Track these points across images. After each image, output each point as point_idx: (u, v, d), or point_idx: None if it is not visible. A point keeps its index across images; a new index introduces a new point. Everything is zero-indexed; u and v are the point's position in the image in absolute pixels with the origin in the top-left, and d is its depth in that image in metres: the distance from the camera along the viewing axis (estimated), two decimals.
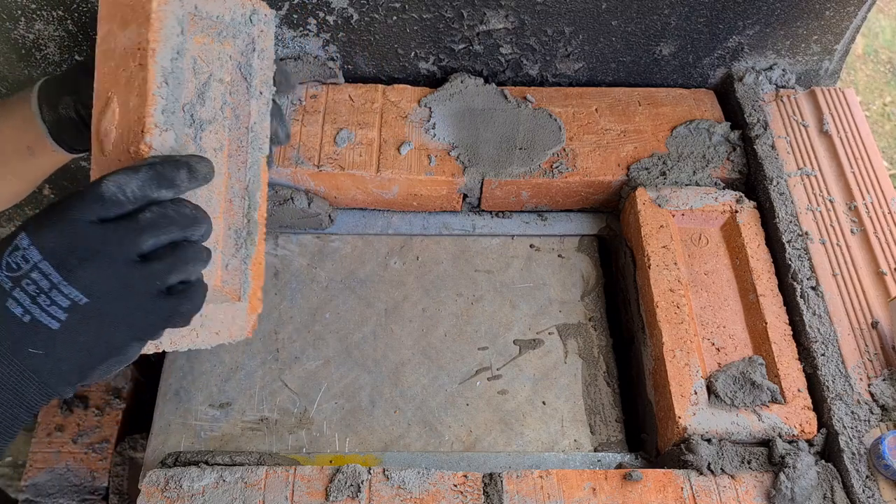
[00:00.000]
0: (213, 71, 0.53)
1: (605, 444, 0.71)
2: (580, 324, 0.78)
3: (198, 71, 0.52)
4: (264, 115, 0.56)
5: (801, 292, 0.71)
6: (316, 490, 0.61)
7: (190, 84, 0.51)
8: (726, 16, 0.81)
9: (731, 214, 0.77)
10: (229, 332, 0.55)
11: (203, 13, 0.52)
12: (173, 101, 0.49)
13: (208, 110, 0.52)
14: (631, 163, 0.80)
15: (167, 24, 0.49)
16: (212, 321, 0.54)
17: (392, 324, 0.78)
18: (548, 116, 0.83)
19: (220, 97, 0.53)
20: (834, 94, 0.86)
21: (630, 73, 0.88)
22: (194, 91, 0.51)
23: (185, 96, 0.50)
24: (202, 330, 0.54)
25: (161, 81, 0.48)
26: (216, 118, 0.53)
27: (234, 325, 0.55)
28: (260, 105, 0.56)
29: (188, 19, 0.50)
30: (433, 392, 0.74)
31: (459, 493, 0.62)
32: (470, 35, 0.82)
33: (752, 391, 0.66)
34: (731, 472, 0.63)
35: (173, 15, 0.49)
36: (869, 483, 0.62)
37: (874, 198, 0.78)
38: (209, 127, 0.52)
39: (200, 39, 0.52)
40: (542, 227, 0.84)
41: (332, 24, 0.80)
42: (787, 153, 0.81)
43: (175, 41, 0.49)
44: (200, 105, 0.52)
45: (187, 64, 0.51)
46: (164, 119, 0.48)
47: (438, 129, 0.81)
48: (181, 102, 0.50)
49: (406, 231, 0.83)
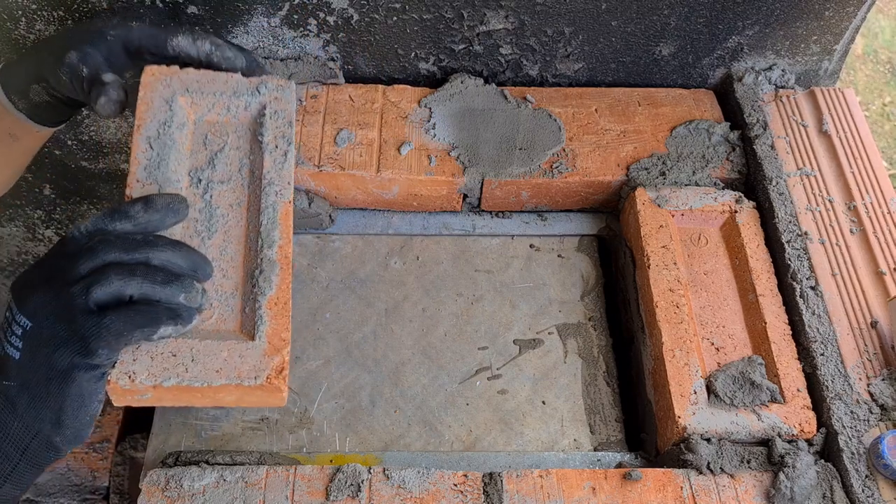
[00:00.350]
0: (229, 141, 0.62)
1: (604, 444, 0.71)
2: (580, 324, 0.79)
3: (209, 143, 0.62)
4: (280, 164, 0.61)
5: (800, 292, 0.71)
6: (316, 490, 0.61)
7: (200, 154, 0.61)
8: (726, 16, 0.81)
9: (731, 214, 0.77)
10: (237, 372, 0.53)
11: (199, 90, 0.62)
12: (158, 160, 0.58)
13: (221, 173, 0.61)
14: (630, 163, 0.80)
15: (154, 104, 0.60)
16: (209, 357, 0.53)
17: (392, 324, 0.78)
18: (548, 117, 0.83)
19: (238, 161, 0.62)
20: (833, 95, 0.86)
21: (630, 73, 0.88)
22: (205, 159, 0.61)
23: (194, 164, 0.60)
24: (193, 365, 0.53)
25: (146, 147, 0.58)
26: (232, 178, 0.61)
27: (244, 365, 0.53)
28: (275, 157, 0.61)
29: (180, 98, 0.61)
30: (433, 392, 0.74)
31: (459, 493, 0.62)
32: (470, 35, 0.82)
33: (751, 391, 0.66)
34: (730, 472, 0.63)
35: (160, 97, 0.60)
36: (868, 482, 0.62)
37: (873, 198, 0.78)
38: (222, 187, 0.60)
39: (212, 119, 0.63)
40: (542, 227, 0.84)
41: (332, 24, 0.80)
42: (786, 153, 0.81)
43: (163, 115, 0.60)
44: (212, 170, 0.61)
45: (192, 137, 0.61)
46: (146, 175, 0.57)
47: (438, 130, 0.81)
48: (185, 167, 0.60)
49: (406, 231, 0.83)
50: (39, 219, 1.13)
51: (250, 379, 0.53)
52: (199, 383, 0.52)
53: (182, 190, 0.59)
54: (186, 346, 0.53)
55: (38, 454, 0.50)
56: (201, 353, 0.53)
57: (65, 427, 0.50)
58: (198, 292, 0.53)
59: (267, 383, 0.53)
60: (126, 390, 0.52)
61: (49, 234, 1.17)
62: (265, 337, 0.55)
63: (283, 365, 0.54)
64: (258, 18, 0.79)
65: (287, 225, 0.59)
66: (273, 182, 0.60)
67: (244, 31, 0.81)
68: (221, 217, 0.59)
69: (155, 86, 0.61)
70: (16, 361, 0.49)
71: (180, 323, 0.51)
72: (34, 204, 1.09)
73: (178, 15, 0.78)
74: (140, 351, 0.52)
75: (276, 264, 0.57)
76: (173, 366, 0.52)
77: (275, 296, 0.56)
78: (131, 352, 0.52)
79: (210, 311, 0.56)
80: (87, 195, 1.09)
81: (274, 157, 0.61)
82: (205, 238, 0.58)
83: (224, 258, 0.57)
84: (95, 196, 1.09)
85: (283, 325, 0.55)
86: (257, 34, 0.81)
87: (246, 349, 0.54)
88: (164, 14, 0.78)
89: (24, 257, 1.22)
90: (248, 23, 0.80)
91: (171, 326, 0.51)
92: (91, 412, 0.51)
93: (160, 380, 0.52)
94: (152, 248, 0.51)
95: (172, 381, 0.52)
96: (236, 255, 0.58)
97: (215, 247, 0.58)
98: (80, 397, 0.50)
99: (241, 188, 0.60)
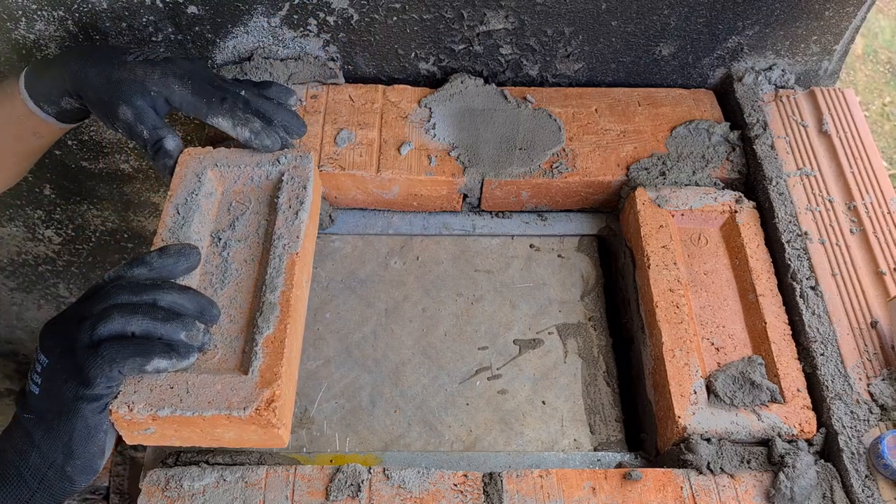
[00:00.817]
0: (251, 206, 0.69)
1: (604, 444, 0.71)
2: (580, 324, 0.79)
3: (233, 209, 0.69)
4: (291, 221, 0.66)
5: (800, 292, 0.71)
6: (316, 489, 0.61)
7: (224, 218, 0.68)
8: (726, 16, 0.81)
9: (731, 214, 0.77)
10: (227, 403, 0.56)
11: (227, 163, 0.69)
12: (182, 223, 0.65)
13: (240, 233, 0.67)
14: (631, 163, 0.80)
15: (186, 178, 0.68)
16: (203, 389, 0.57)
17: (392, 324, 0.78)
18: (548, 117, 0.83)
19: (256, 222, 0.68)
20: (833, 95, 0.86)
21: (630, 73, 0.88)
22: (227, 223, 0.68)
23: (217, 226, 0.67)
24: (188, 396, 0.56)
25: (174, 212, 0.66)
26: (249, 237, 0.67)
27: (235, 397, 0.56)
28: (287, 215, 0.67)
29: (210, 171, 0.69)
30: (433, 392, 0.74)
31: (459, 493, 0.62)
32: (470, 35, 0.82)
33: (751, 391, 0.66)
34: (730, 472, 0.63)
35: (192, 171, 0.68)
36: (868, 482, 0.62)
37: (873, 198, 0.78)
38: (239, 245, 0.66)
39: (238, 189, 0.70)
40: (542, 227, 0.84)
41: (332, 24, 0.80)
42: (786, 153, 0.81)
43: (192, 186, 0.67)
44: (231, 230, 0.67)
45: (219, 204, 0.69)
46: (169, 235, 0.64)
47: (438, 130, 0.81)
48: (208, 229, 0.67)
49: (406, 231, 0.83)
50: (39, 219, 1.13)
51: (239, 410, 0.56)
52: (191, 413, 0.55)
53: (203, 249, 0.65)
54: (183, 380, 0.57)
55: (54, 484, 0.53)
56: (196, 385, 0.57)
57: (75, 457, 0.53)
58: (199, 331, 0.56)
59: (255, 414, 0.56)
60: (127, 421, 0.55)
61: (49, 233, 1.17)
62: (258, 371, 0.58)
63: (272, 397, 0.56)
64: (258, 18, 0.79)
65: (292, 273, 0.63)
66: (282, 236, 0.65)
67: (244, 31, 0.81)
68: (235, 271, 0.65)
69: (189, 163, 0.69)
70: (35, 396, 0.53)
71: (175, 357, 0.54)
72: (34, 204, 1.09)
73: (178, 15, 0.78)
74: (141, 384, 0.56)
75: (277, 307, 0.61)
76: (169, 396, 0.56)
77: (272, 335, 0.60)
78: (133, 384, 0.56)
79: (214, 351, 0.60)
80: (87, 195, 1.09)
81: (286, 216, 0.67)
82: (217, 289, 0.64)
83: (233, 306, 0.63)
84: (95, 196, 1.09)
85: (276, 361, 0.58)
86: (257, 34, 0.81)
87: (239, 382, 0.57)
88: (164, 14, 0.78)
89: (24, 257, 1.22)
90: (248, 23, 0.80)
91: (165, 360, 0.54)
92: (99, 444, 0.55)
93: (155, 409, 0.55)
94: (159, 291, 0.56)
95: (167, 411, 0.55)
96: (244, 303, 0.63)
97: (226, 296, 0.63)
98: (87, 429, 0.53)
99: (257, 245, 0.66)
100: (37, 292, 1.33)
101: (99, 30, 0.79)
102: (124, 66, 0.67)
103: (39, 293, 1.33)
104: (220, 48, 0.83)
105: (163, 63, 0.68)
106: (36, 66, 0.69)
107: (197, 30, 0.80)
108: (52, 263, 1.24)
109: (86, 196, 1.09)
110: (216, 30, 0.80)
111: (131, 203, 1.11)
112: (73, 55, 0.68)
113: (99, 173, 1.04)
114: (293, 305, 0.62)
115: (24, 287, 1.31)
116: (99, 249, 1.21)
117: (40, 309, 1.38)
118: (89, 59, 0.67)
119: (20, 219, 1.13)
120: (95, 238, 1.18)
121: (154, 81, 0.67)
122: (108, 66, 0.67)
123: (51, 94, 0.68)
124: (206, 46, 0.82)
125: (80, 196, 1.09)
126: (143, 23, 0.79)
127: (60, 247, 1.20)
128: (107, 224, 1.15)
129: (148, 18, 0.78)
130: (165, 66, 0.67)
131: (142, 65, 0.67)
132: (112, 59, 0.67)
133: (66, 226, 1.15)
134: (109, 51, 0.69)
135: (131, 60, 0.67)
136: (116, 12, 0.77)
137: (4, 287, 1.30)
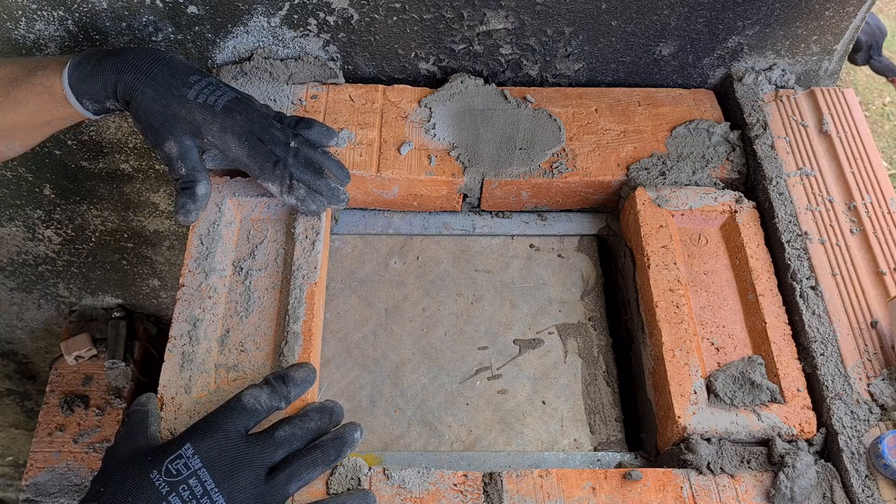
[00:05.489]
0: (268, 235, 0.73)
1: (604, 444, 0.71)
2: (580, 323, 0.79)
3: (251, 238, 0.73)
4: (308, 252, 0.70)
5: (800, 292, 0.71)
6: (316, 489, 0.61)
7: (244, 246, 0.72)
8: (726, 16, 0.81)
9: (731, 214, 0.77)
10: None
11: (245, 193, 0.73)
12: (206, 253, 0.70)
13: (260, 262, 0.71)
14: (630, 163, 0.80)
15: (208, 208, 0.72)
16: None
17: (392, 323, 0.78)
18: (547, 117, 0.83)
19: (275, 251, 0.72)
20: (833, 95, 0.86)
21: (630, 73, 0.88)
22: (248, 251, 0.72)
23: (238, 255, 0.71)
24: None
25: (198, 242, 0.70)
26: (269, 266, 0.71)
27: None
28: (304, 245, 0.71)
29: (229, 200, 0.73)
30: (433, 391, 0.74)
31: (459, 493, 0.62)
32: (470, 35, 0.82)
33: (751, 391, 0.66)
34: (730, 472, 0.63)
35: (213, 201, 0.72)
36: (868, 482, 0.62)
37: (873, 198, 0.78)
38: (260, 273, 0.70)
39: (255, 217, 0.74)
40: (542, 227, 0.84)
41: (332, 24, 0.80)
42: (786, 153, 0.81)
43: (213, 216, 0.72)
44: (252, 259, 0.71)
45: (238, 232, 0.73)
46: (196, 265, 0.69)
47: (438, 130, 0.81)
48: (230, 258, 0.71)
49: (406, 231, 0.83)
50: (39, 219, 1.13)
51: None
52: None
53: (226, 278, 0.70)
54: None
55: None
56: None
57: None
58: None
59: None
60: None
61: (49, 233, 1.17)
62: None
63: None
64: (258, 18, 0.79)
65: (312, 302, 0.68)
66: (301, 267, 0.69)
67: (244, 31, 0.81)
68: (258, 299, 0.69)
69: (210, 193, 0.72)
70: None
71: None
72: (34, 204, 1.09)
73: (178, 15, 0.78)
74: None
75: (300, 336, 0.66)
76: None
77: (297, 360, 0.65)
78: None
79: (244, 376, 0.65)
80: (87, 195, 1.09)
81: (303, 246, 0.71)
82: (242, 317, 0.68)
83: (258, 333, 0.67)
84: (95, 196, 1.09)
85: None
86: (257, 34, 0.81)
87: None
88: (164, 14, 0.78)
89: (23, 257, 1.22)
90: (248, 23, 0.80)
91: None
92: None
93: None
94: (321, 430, 0.62)
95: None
96: (269, 330, 0.67)
97: (251, 324, 0.67)
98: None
99: (277, 273, 0.70)
100: (37, 292, 1.33)
101: (99, 30, 0.79)
102: (184, 103, 0.66)
103: (39, 293, 1.33)
104: (219, 48, 0.83)
105: (223, 115, 0.67)
106: (82, 65, 0.67)
107: (197, 29, 0.80)
108: (52, 263, 1.24)
109: (86, 196, 1.09)
110: (216, 30, 0.80)
111: (131, 203, 1.11)
112: (129, 65, 0.67)
113: (99, 173, 1.04)
114: (314, 333, 0.67)
115: (24, 287, 1.31)
116: (99, 249, 1.21)
117: (40, 309, 1.38)
118: (147, 77, 0.66)
119: (20, 219, 1.13)
120: (95, 238, 1.18)
121: (212, 133, 0.67)
122: (167, 94, 0.66)
123: (97, 95, 0.67)
124: (205, 46, 0.82)
125: (79, 196, 1.09)
126: (143, 22, 0.79)
127: (60, 247, 1.20)
128: (107, 224, 1.15)
129: (148, 18, 0.78)
130: (225, 121, 0.67)
131: (201, 110, 0.66)
132: (172, 89, 0.66)
133: (65, 226, 1.15)
134: (169, 75, 0.67)
135: (192, 99, 0.67)
136: (116, 12, 0.78)
137: (4, 287, 1.30)
